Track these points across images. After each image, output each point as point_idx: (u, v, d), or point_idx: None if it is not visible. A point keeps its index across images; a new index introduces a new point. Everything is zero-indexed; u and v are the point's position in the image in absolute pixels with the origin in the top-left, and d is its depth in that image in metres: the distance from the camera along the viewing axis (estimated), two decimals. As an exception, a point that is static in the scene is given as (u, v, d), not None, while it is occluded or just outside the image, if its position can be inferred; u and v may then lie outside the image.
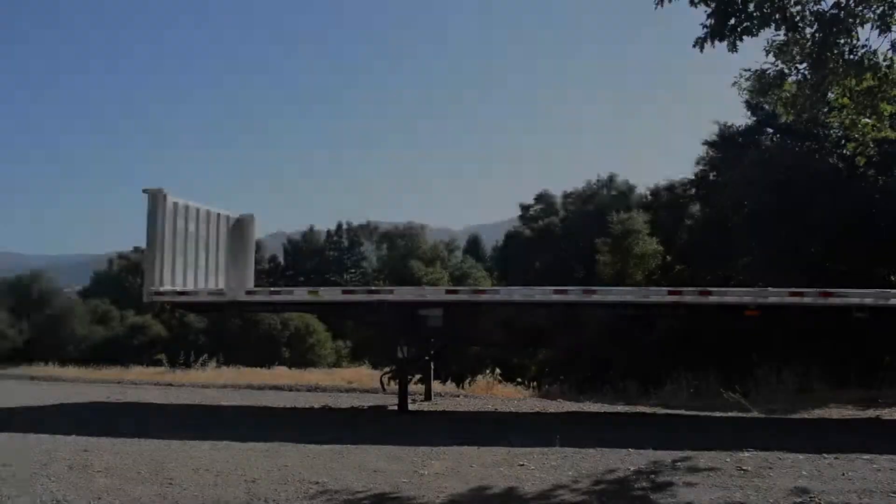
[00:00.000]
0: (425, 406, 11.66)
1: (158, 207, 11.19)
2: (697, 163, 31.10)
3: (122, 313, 61.36)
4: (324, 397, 12.97)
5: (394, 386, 11.56)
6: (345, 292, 11.26)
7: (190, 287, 11.76)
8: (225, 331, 52.33)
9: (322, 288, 11.87)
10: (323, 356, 55.76)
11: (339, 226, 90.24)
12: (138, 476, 6.59)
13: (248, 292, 11.46)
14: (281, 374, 27.70)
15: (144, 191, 11.38)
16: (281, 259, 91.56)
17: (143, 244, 12.16)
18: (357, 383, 18.21)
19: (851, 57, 8.04)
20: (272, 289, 11.72)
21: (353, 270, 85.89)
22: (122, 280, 76.71)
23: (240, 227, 13.32)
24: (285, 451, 7.74)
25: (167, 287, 11.29)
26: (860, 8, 7.83)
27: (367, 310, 10.92)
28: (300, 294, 11.72)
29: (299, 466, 6.95)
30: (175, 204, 11.54)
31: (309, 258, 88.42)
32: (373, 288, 11.44)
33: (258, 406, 11.80)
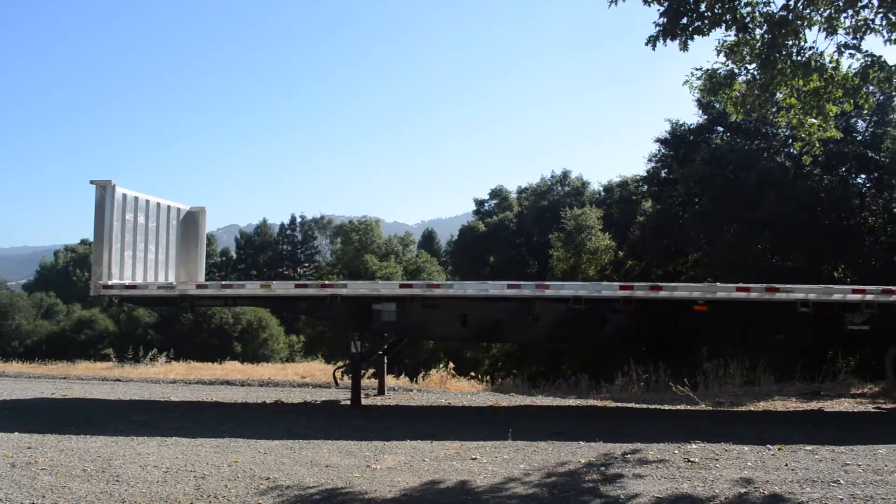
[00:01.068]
0: (378, 400, 11.65)
1: (107, 199, 10.95)
2: (650, 160, 31.57)
3: (68, 307, 60.17)
4: (276, 392, 12.86)
5: (347, 381, 11.50)
6: (298, 286, 11.13)
7: (139, 280, 11.55)
8: (175, 325, 51.62)
9: (275, 282, 11.73)
10: (276, 351, 55.37)
11: (293, 219, 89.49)
12: (84, 473, 6.45)
13: (199, 286, 11.27)
14: (233, 368, 27.38)
15: (92, 182, 11.12)
16: (233, 252, 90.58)
17: (90, 237, 11.90)
18: (310, 378, 18.10)
19: (799, 58, 8.23)
20: (224, 282, 11.52)
21: (306, 264, 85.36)
22: (68, 273, 75.23)
23: (191, 220, 13.11)
24: (236, 446, 7.66)
25: (115, 280, 11.07)
26: (808, 11, 8.02)
27: (320, 304, 10.84)
28: (252, 288, 11.59)
29: (250, 462, 6.88)
30: (124, 196, 11.31)
31: (262, 251, 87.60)
32: (326, 282, 11.33)
33: (209, 401, 11.65)
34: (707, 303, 10.02)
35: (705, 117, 28.27)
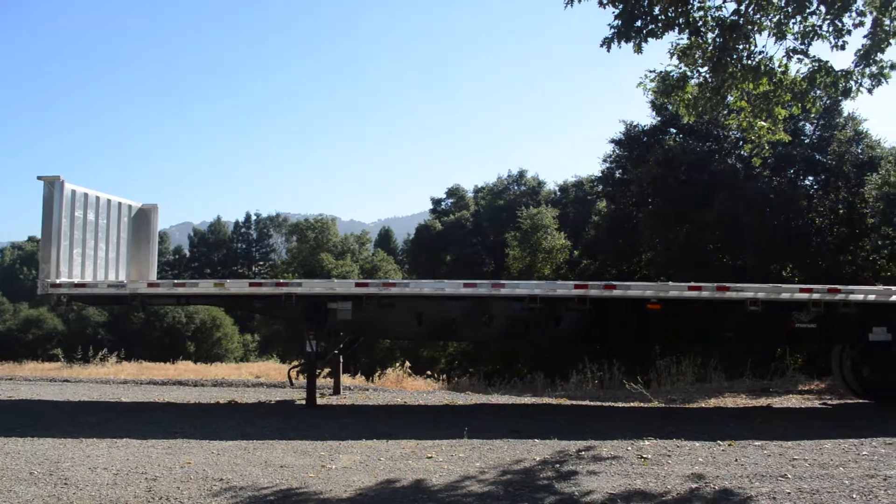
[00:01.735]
0: (334, 400, 11.58)
1: (55, 195, 10.71)
2: (604, 160, 31.92)
3: (15, 306, 58.56)
4: (230, 392, 12.71)
5: (302, 380, 11.42)
6: (252, 284, 11.01)
7: (89, 279, 11.31)
8: (126, 324, 50.70)
9: (229, 280, 11.58)
10: (230, 350, 54.74)
11: (248, 217, 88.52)
12: (30, 477, 6.29)
13: (151, 284, 11.08)
14: (185, 368, 26.99)
15: (40, 178, 10.86)
16: (186, 250, 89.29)
17: (38, 234, 11.62)
18: (265, 378, 17.95)
19: (749, 62, 8.40)
20: (176, 281, 11.34)
21: (261, 263, 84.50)
22: (15, 271, 73.34)
23: (142, 217, 12.88)
24: (188, 447, 7.54)
25: (64, 279, 10.83)
26: (758, 16, 8.19)
27: (275, 303, 10.75)
28: (205, 286, 11.43)
29: (203, 463, 6.79)
30: (73, 192, 11.07)
31: (216, 250, 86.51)
32: (281, 280, 11.23)
33: (161, 402, 11.46)
34: (660, 301, 10.18)
35: (659, 119, 28.67)
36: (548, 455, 7.15)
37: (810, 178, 25.88)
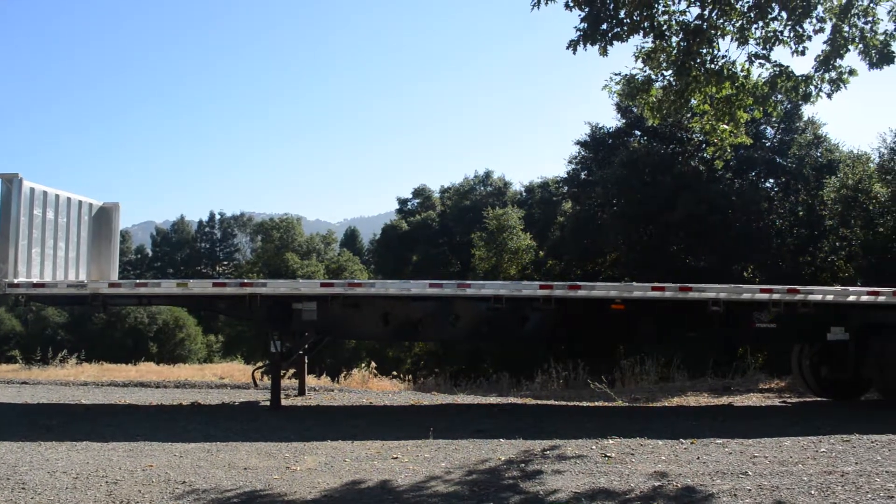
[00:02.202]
0: (299, 401, 11.51)
1: (13, 193, 10.48)
2: (570, 162, 32.15)
3: (-30, 306, 57.25)
4: (193, 394, 12.55)
5: (267, 381, 11.32)
6: (216, 285, 10.88)
7: (48, 279, 11.09)
8: (87, 325, 49.89)
9: (192, 280, 11.44)
10: (193, 351, 54.15)
11: (212, 216, 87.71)
12: (-14, 480, 6.16)
13: (112, 284, 10.89)
14: (148, 370, 26.67)
15: (-3, 175, 10.63)
16: (149, 250, 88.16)
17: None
18: (229, 379, 17.77)
19: (712, 66, 8.53)
20: (138, 281, 11.17)
21: (226, 262, 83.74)
22: (-30, 270, 71.72)
23: (103, 216, 12.67)
24: (151, 450, 7.44)
25: (22, 279, 10.60)
26: (721, 21, 8.31)
27: (239, 303, 10.64)
28: (168, 286, 11.27)
29: (165, 466, 6.70)
30: (32, 190, 10.84)
31: (179, 249, 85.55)
32: (245, 280, 11.12)
33: (122, 404, 11.28)
34: (624, 302, 10.27)
35: (624, 121, 28.95)
36: (513, 455, 7.18)
37: (771, 180, 26.36)
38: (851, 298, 10.38)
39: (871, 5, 7.97)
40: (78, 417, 9.86)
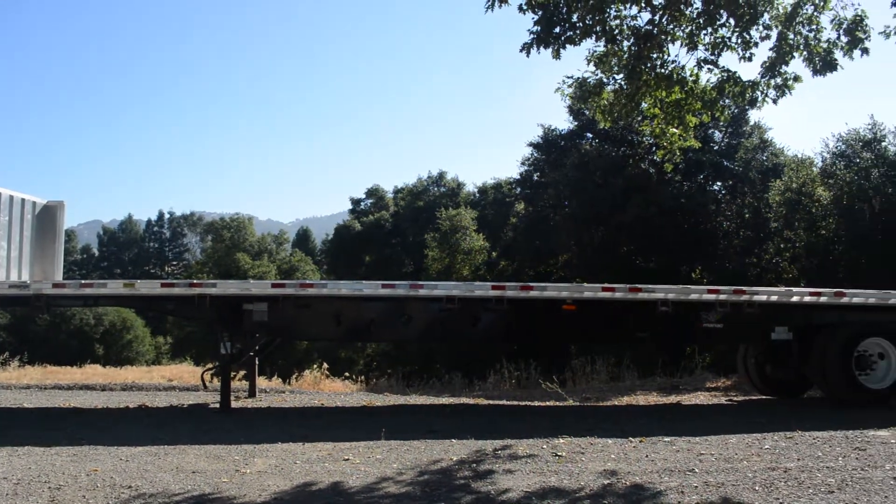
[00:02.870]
0: (249, 403, 11.37)
1: (-49, 190, 10.15)
2: (523, 163, 32.38)
3: None
4: (140, 396, 12.31)
5: (216, 383, 11.16)
6: (164, 285, 10.68)
7: (-12, 279, 10.76)
8: (30, 327, 48.57)
9: (139, 280, 11.21)
10: (141, 353, 53.19)
11: (161, 215, 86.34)
12: (-79, 487, 5.95)
13: (56, 285, 10.61)
14: (94, 372, 26.05)
15: (-66, 172, 10.29)
16: (95, 249, 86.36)
17: (-69, 230, 10.97)
18: (178, 381, 17.46)
19: (662, 71, 8.66)
20: (84, 281, 10.90)
21: (175, 263, 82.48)
22: None
23: (47, 215, 12.33)
24: (96, 454, 7.27)
25: (-39, 279, 10.28)
26: (671, 26, 8.45)
27: (188, 304, 10.46)
28: (115, 287, 11.01)
29: (111, 471, 6.55)
30: (-29, 187, 10.52)
31: (127, 249, 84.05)
32: (195, 281, 10.94)
33: (66, 407, 11.01)
34: (575, 302, 10.37)
35: (576, 123, 29.24)
36: (465, 455, 7.20)
37: (718, 183, 26.87)
38: (795, 299, 10.63)
39: (815, 14, 8.18)
40: (20, 422, 9.59)
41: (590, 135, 28.86)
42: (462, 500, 5.64)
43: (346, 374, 20.15)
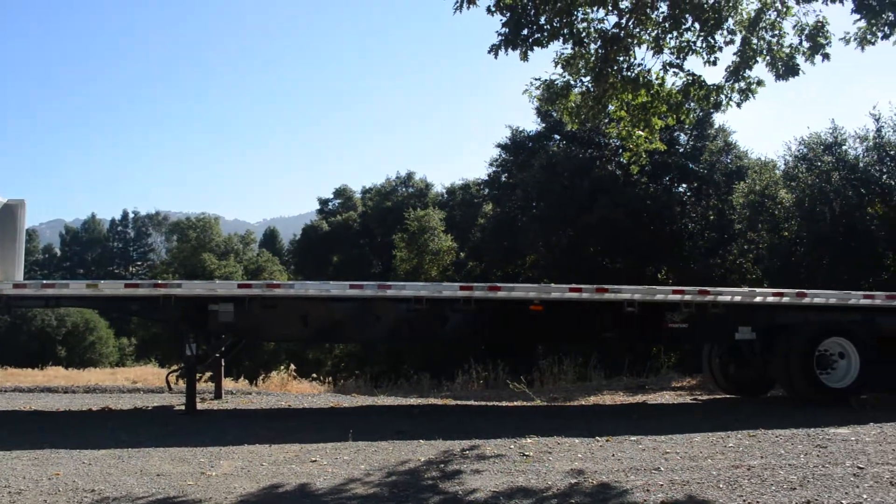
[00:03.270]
0: (215, 405, 11.25)
1: None
2: (491, 164, 32.51)
3: None
4: (104, 399, 12.13)
5: (181, 385, 11.03)
6: (128, 286, 10.53)
7: (-55, 279, 10.52)
8: (-11, 328, 47.62)
9: (103, 281, 11.02)
10: (105, 355, 52.47)
11: (126, 214, 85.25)
12: None
13: (17, 285, 10.41)
14: (56, 374, 25.68)
15: None
16: (57, 249, 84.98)
17: None
18: (142, 383, 17.26)
19: (629, 74, 8.77)
20: (45, 282, 10.71)
21: (139, 263, 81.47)
22: None
23: (8, 214, 12.08)
24: (57, 458, 7.14)
25: (-83, 279, 10.04)
26: (638, 30, 8.55)
27: (152, 305, 10.32)
28: (77, 287, 10.83)
29: (73, 474, 6.45)
30: (-72, 185, 10.28)
31: (90, 249, 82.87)
32: (160, 281, 10.81)
33: (27, 410, 10.80)
34: (542, 303, 10.42)
35: (544, 125, 29.43)
36: (433, 455, 7.20)
37: (684, 185, 27.22)
38: (758, 299, 10.79)
39: (778, 20, 8.34)
40: (-22, 425, 9.40)
41: (557, 136, 29.07)
42: (430, 500, 5.65)
43: (314, 375, 20.02)
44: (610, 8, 8.37)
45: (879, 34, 7.92)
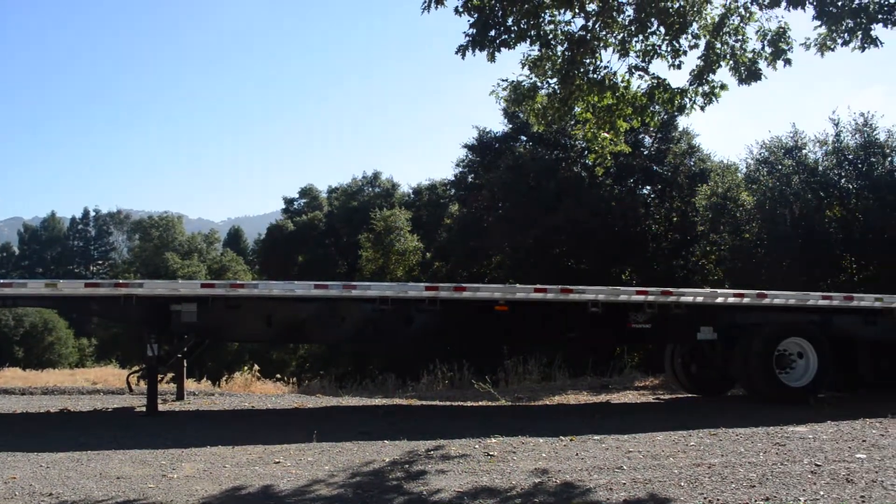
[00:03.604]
0: (177, 406, 11.11)
1: None
2: (457, 165, 32.57)
3: None
4: (63, 401, 11.90)
5: (143, 386, 10.86)
6: (88, 285, 10.34)
7: None
8: (-57, 328, 46.55)
9: (62, 280, 10.80)
10: (64, 356, 51.59)
11: (87, 213, 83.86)
12: None
13: (-28, 284, 10.18)
14: (13, 376, 25.15)
15: None
16: (15, 247, 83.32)
17: None
18: (102, 384, 16.98)
19: (595, 76, 8.83)
20: (2, 281, 10.49)
21: (100, 262, 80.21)
22: None
23: (-37, 211, 11.83)
24: (14, 461, 6.98)
25: None
26: (604, 33, 8.62)
27: (113, 305, 10.15)
28: (35, 287, 10.61)
29: (30, 478, 6.31)
30: None
31: (50, 247, 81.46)
32: (121, 281, 10.64)
33: (-18, 411, 10.57)
34: (507, 303, 10.45)
35: (510, 126, 29.55)
36: (397, 456, 7.19)
37: (648, 187, 27.52)
38: (719, 300, 10.94)
39: (742, 25, 8.47)
40: (-69, 427, 9.17)
41: (524, 137, 29.20)
42: (394, 501, 5.63)
43: (278, 375, 19.90)
44: (577, 10, 8.42)
45: (839, 40, 8.07)
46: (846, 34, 7.96)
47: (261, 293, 10.25)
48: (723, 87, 8.75)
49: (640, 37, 8.58)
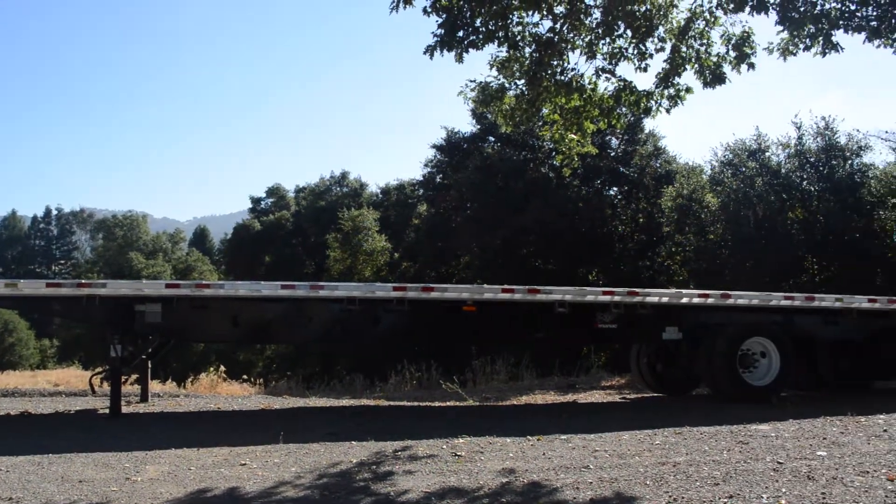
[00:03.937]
0: (141, 408, 10.97)
1: None
2: (426, 165, 32.56)
3: None
4: (23, 403, 11.68)
5: (106, 387, 10.71)
6: (50, 285, 10.16)
7: None
8: None
9: (23, 280, 10.60)
10: (25, 357, 50.65)
11: (48, 211, 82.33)
12: None
13: (-70, 284, 9.95)
14: (-30, 377, 24.57)
15: None
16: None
17: None
18: (64, 386, 16.69)
19: (562, 78, 8.89)
20: (-40, 281, 10.26)
21: (63, 261, 78.89)
22: None
23: (-81, 209, 11.56)
24: (-29, 464, 6.84)
25: None
26: (571, 35, 8.68)
27: (76, 305, 9.98)
28: (-6, 287, 10.41)
29: (-11, 480, 6.19)
30: None
31: (10, 246, 79.90)
32: (84, 281, 10.47)
33: (-62, 414, 10.34)
34: (475, 303, 10.47)
35: (479, 127, 29.61)
36: (365, 457, 7.16)
37: (615, 188, 27.77)
38: (684, 300, 11.06)
39: (707, 29, 8.59)
40: None
41: (492, 138, 29.28)
42: (361, 502, 5.61)
43: (245, 376, 19.70)
44: (545, 13, 8.48)
45: (801, 45, 8.22)
46: (808, 39, 8.11)
47: (227, 293, 10.15)
48: (688, 90, 8.87)
49: (607, 39, 8.66)
